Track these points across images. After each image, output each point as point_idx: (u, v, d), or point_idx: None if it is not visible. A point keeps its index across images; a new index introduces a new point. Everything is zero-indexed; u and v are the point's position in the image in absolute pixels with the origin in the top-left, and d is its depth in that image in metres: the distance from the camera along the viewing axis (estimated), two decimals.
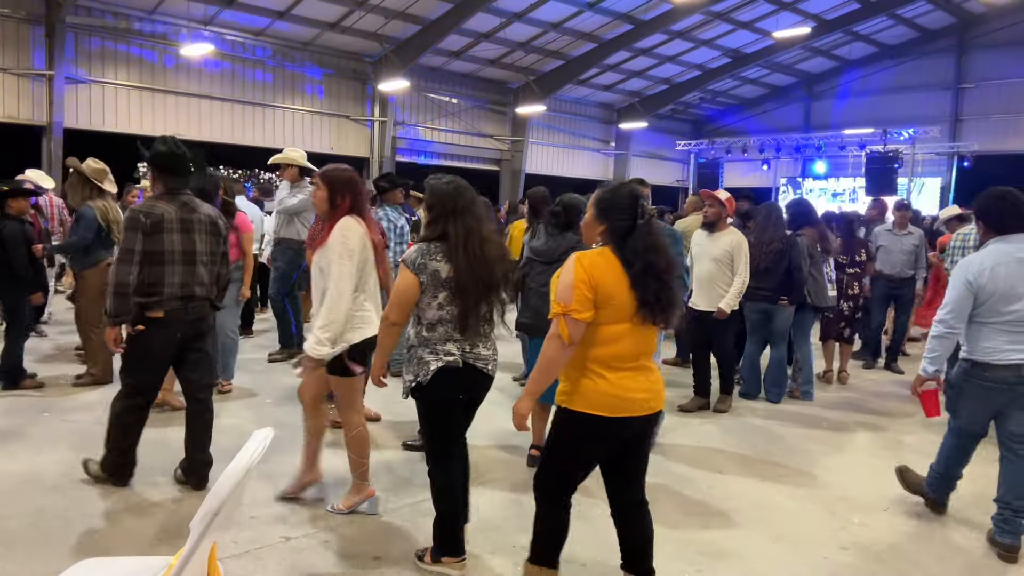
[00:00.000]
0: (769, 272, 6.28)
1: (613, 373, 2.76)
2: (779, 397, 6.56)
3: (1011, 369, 3.63)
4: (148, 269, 3.91)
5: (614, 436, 2.85)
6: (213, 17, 16.80)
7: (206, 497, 1.80)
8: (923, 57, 23.33)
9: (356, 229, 3.68)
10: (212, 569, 1.91)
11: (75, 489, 4.04)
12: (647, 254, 2.75)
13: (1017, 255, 3.62)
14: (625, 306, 2.72)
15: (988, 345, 3.67)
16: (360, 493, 3.88)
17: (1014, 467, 3.77)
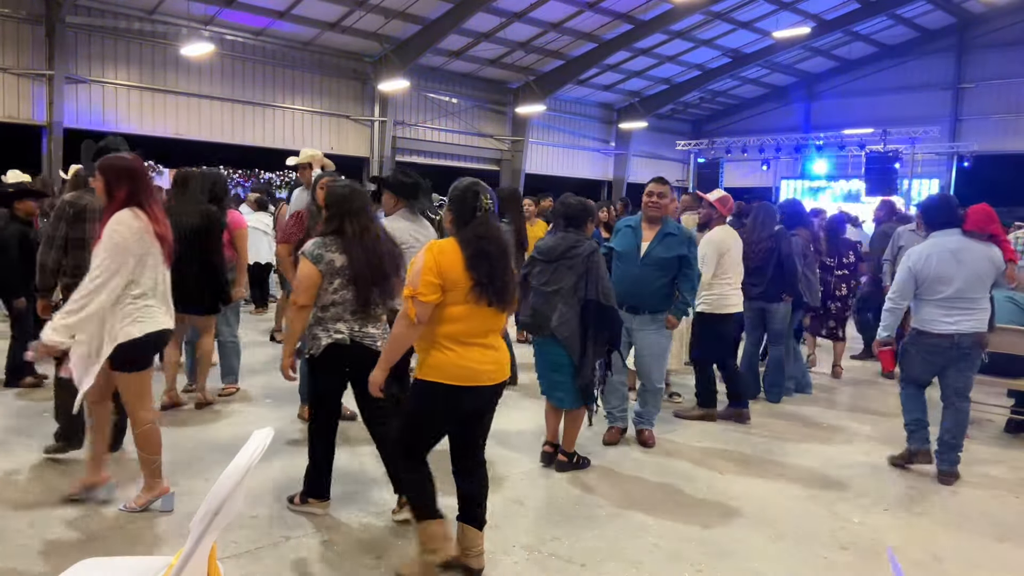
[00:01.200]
0: (760, 270, 6.30)
1: (461, 347, 3.09)
2: (778, 397, 6.55)
3: (945, 337, 4.60)
4: (72, 253, 4.24)
5: (461, 404, 3.15)
6: (213, 17, 16.80)
7: (206, 497, 1.80)
8: (923, 57, 23.33)
9: (129, 223, 3.52)
10: (212, 569, 1.91)
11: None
12: (480, 241, 3.08)
13: (949, 247, 4.59)
14: (465, 288, 3.04)
15: (927, 317, 4.65)
16: (153, 491, 3.84)
17: (950, 413, 4.71)
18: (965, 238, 4.66)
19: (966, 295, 4.54)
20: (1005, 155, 21.78)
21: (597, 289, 4.40)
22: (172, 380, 5.57)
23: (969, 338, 4.57)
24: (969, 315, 4.56)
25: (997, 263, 4.61)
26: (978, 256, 4.58)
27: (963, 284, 4.53)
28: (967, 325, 4.56)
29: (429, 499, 3.27)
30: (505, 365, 3.26)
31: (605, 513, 4.01)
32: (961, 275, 4.53)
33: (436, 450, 3.30)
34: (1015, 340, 5.83)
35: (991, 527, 4.03)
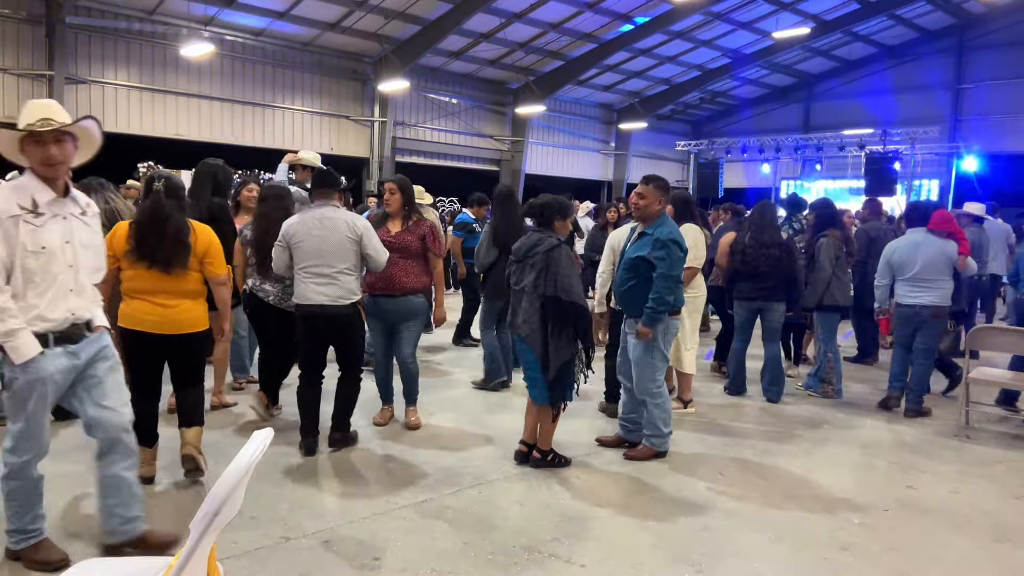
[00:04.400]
0: (766, 276, 6.31)
1: (132, 300, 4.00)
2: (778, 395, 6.54)
3: (911, 307, 6.09)
4: None
5: (140, 344, 4.02)
6: (213, 17, 16.80)
7: (206, 497, 1.80)
8: (923, 57, 23.34)
9: None
10: (212, 569, 1.91)
11: (75, 489, 4.04)
12: (140, 215, 4.09)
13: (914, 240, 6.17)
14: (130, 256, 3.98)
15: (900, 292, 6.18)
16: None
17: (917, 367, 6.17)
18: (928, 234, 6.13)
19: (923, 276, 6.02)
20: (1005, 155, 21.78)
21: (556, 285, 4.39)
22: (220, 379, 5.69)
23: (928, 309, 6.02)
24: (928, 292, 6.01)
25: (949, 254, 6.06)
26: (934, 248, 6.06)
27: (920, 268, 6.02)
28: (927, 299, 6.01)
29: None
30: (175, 322, 4.00)
31: (605, 513, 4.01)
32: (919, 261, 6.03)
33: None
34: (1015, 340, 5.83)
35: (991, 527, 4.03)
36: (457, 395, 6.39)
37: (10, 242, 2.85)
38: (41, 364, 2.93)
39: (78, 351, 3.05)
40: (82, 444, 4.71)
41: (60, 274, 2.96)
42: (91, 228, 3.13)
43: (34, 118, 2.88)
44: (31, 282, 2.90)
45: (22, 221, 2.87)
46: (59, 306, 2.97)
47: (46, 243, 2.92)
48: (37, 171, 2.95)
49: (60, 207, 3.00)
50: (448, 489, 4.26)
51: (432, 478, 4.42)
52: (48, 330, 2.95)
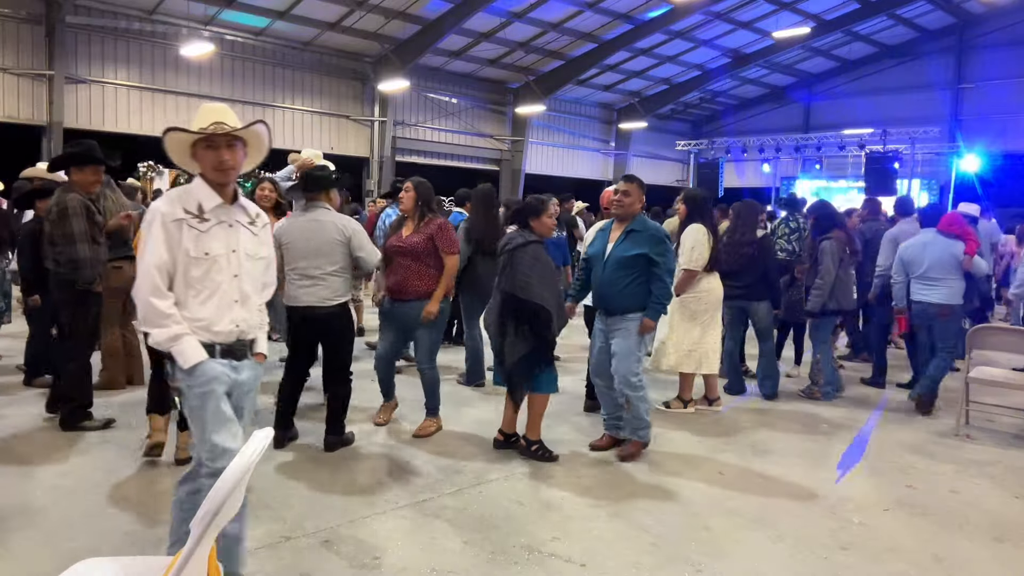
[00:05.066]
0: (739, 274, 6.35)
1: None
2: (772, 389, 6.60)
3: (920, 304, 6.34)
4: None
5: None
6: (213, 17, 16.81)
7: (206, 497, 1.80)
8: (923, 57, 23.34)
9: None
10: (212, 569, 1.91)
11: (75, 489, 4.04)
12: None
13: (923, 240, 6.43)
14: None
15: (913, 290, 6.40)
16: None
17: (935, 359, 6.30)
18: (937, 234, 6.36)
19: (931, 275, 6.26)
20: (1005, 155, 21.78)
21: (514, 282, 4.59)
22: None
23: (935, 307, 6.22)
24: (935, 290, 6.25)
25: (956, 254, 6.24)
26: (941, 248, 6.29)
27: (928, 267, 6.27)
28: (935, 297, 6.25)
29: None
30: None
31: (605, 513, 4.01)
32: (927, 260, 6.28)
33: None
34: (1016, 340, 5.83)
35: (991, 527, 4.03)
36: (457, 395, 6.38)
37: (173, 246, 2.73)
38: (208, 367, 2.77)
39: (239, 369, 2.87)
40: (80, 449, 4.71)
41: (224, 283, 2.81)
42: (259, 239, 2.95)
43: (207, 122, 2.77)
44: (192, 288, 2.77)
45: (186, 225, 2.74)
46: (224, 317, 2.81)
47: (210, 249, 2.78)
48: (207, 176, 2.82)
49: (227, 214, 2.85)
50: (448, 489, 4.26)
51: (432, 478, 4.42)
52: (214, 342, 2.80)
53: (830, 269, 6.39)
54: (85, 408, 4.99)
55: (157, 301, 2.70)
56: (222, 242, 2.81)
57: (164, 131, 2.78)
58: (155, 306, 2.70)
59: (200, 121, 2.77)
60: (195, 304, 2.77)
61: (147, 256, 2.72)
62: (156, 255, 2.71)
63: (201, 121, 2.76)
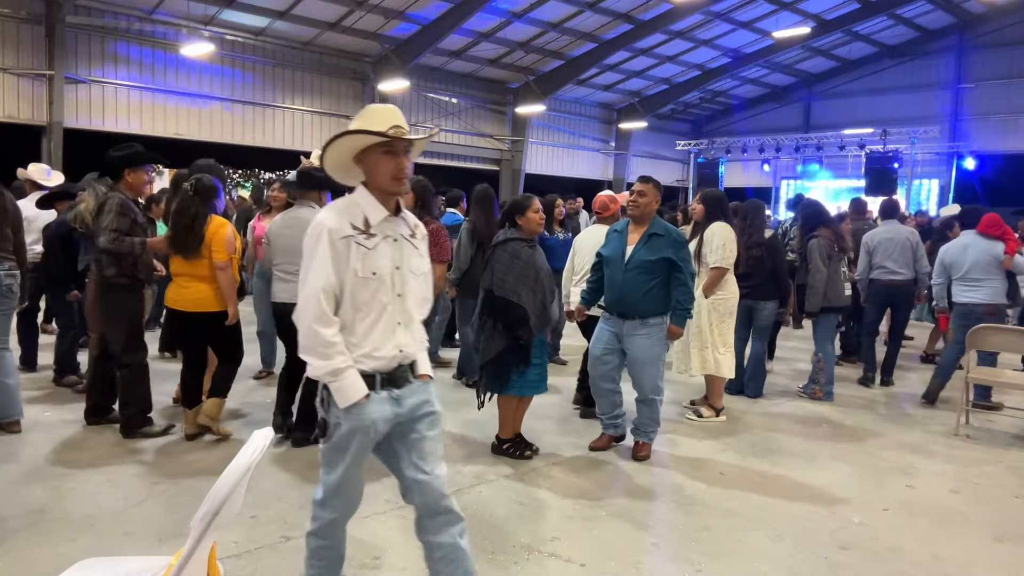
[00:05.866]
0: (748, 276, 6.35)
1: (172, 283, 4.87)
2: (758, 392, 6.63)
3: (964, 305, 6.47)
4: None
5: (174, 320, 4.98)
6: (213, 17, 16.81)
7: (206, 497, 1.80)
8: (923, 57, 23.34)
9: None
10: (212, 569, 1.91)
11: (75, 489, 4.04)
12: (173, 209, 4.80)
13: (964, 243, 6.59)
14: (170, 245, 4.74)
15: (955, 291, 6.58)
16: None
17: (950, 350, 6.59)
18: (977, 236, 6.53)
19: (972, 276, 6.42)
20: (1005, 155, 21.78)
21: (491, 279, 4.64)
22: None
23: (980, 307, 6.38)
24: (978, 290, 6.41)
25: (996, 254, 6.40)
26: (982, 249, 6.43)
27: (969, 268, 6.42)
28: (978, 296, 6.40)
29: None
30: (189, 300, 4.74)
31: (605, 513, 4.01)
32: (968, 262, 6.43)
33: None
34: (1016, 340, 5.84)
35: (991, 527, 4.03)
36: (457, 396, 6.38)
37: (341, 267, 2.48)
38: (366, 409, 2.51)
39: (402, 398, 2.59)
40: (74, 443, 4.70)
41: (389, 304, 2.55)
42: (420, 252, 2.70)
43: (386, 124, 2.48)
44: (359, 311, 2.51)
45: (354, 243, 2.48)
46: (388, 342, 2.55)
47: (377, 268, 2.51)
48: (380, 186, 2.56)
49: (391, 227, 2.59)
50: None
51: None
52: (376, 370, 2.53)
53: (819, 267, 6.44)
54: (144, 413, 4.93)
55: (322, 329, 2.45)
56: (388, 259, 2.55)
57: (339, 134, 2.47)
58: (319, 334, 2.44)
59: (375, 123, 2.49)
60: (361, 329, 2.52)
61: (312, 278, 2.46)
62: (323, 277, 2.45)
63: (377, 123, 2.49)
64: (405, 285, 2.59)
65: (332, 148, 2.52)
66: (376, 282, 2.52)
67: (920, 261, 7.12)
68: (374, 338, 2.53)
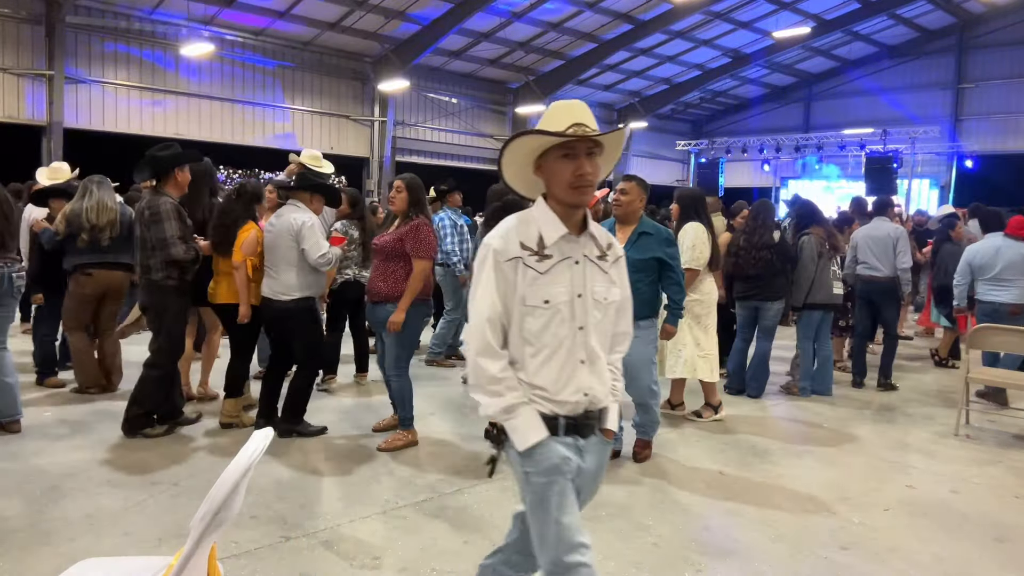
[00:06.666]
0: (758, 278, 6.38)
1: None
2: (759, 391, 6.63)
3: (992, 304, 6.60)
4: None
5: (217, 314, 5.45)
6: (213, 17, 16.81)
7: (206, 497, 1.80)
8: (923, 57, 23.34)
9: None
10: (212, 569, 1.90)
11: (75, 489, 4.04)
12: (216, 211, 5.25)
13: (994, 244, 6.69)
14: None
15: (981, 291, 6.69)
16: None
17: (1004, 360, 6.56)
18: (1006, 238, 6.64)
19: (1003, 276, 6.55)
20: (1005, 155, 21.78)
21: None
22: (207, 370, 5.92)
23: (1007, 306, 6.53)
24: (1007, 290, 6.54)
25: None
26: (1012, 251, 6.56)
27: (1001, 269, 6.55)
28: (1006, 296, 6.53)
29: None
30: (228, 294, 5.08)
31: (605, 513, 4.01)
32: (1000, 263, 6.55)
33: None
34: (1016, 340, 5.83)
35: (991, 527, 4.03)
36: (458, 395, 6.39)
37: (507, 293, 2.15)
38: (551, 449, 2.13)
39: (585, 451, 2.21)
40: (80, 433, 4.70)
41: (567, 339, 2.16)
42: (611, 278, 2.25)
43: (565, 123, 2.11)
44: (529, 345, 2.16)
45: (522, 265, 2.13)
46: (569, 383, 2.16)
47: (550, 296, 2.14)
48: (558, 196, 2.18)
49: (573, 247, 2.20)
50: (448, 489, 4.26)
51: (432, 478, 4.42)
52: (557, 413, 2.16)
53: (806, 265, 6.49)
54: (150, 415, 4.98)
55: (488, 362, 2.14)
56: (565, 285, 2.16)
57: (510, 139, 2.16)
58: (485, 369, 2.14)
59: (553, 122, 2.14)
60: (533, 365, 2.16)
61: (477, 307, 2.17)
62: (488, 306, 2.15)
63: (555, 122, 2.13)
64: (588, 316, 2.18)
65: (508, 157, 2.21)
66: (549, 312, 2.14)
67: (899, 257, 6.96)
68: (550, 377, 2.16)
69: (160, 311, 4.92)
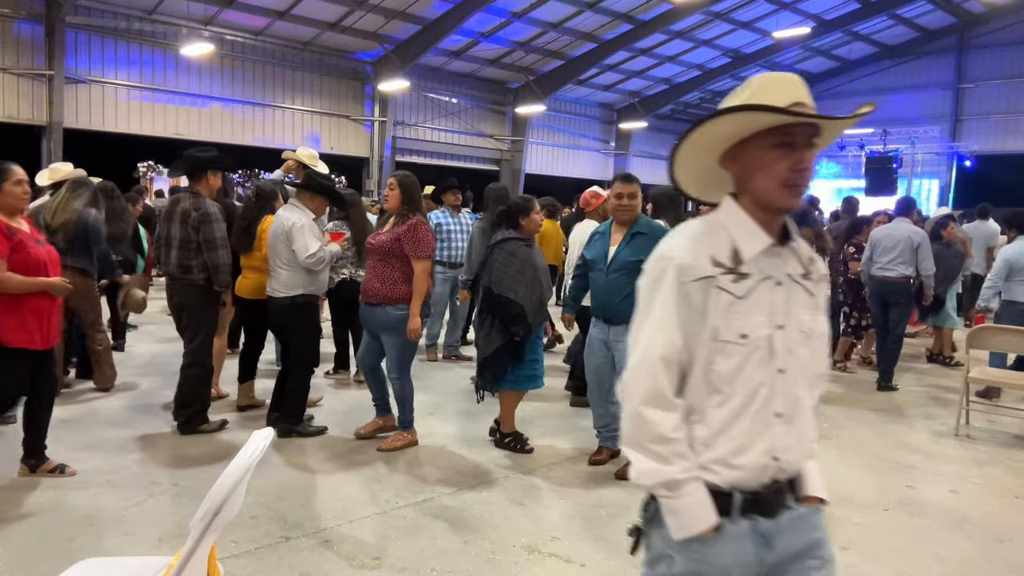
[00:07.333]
0: None
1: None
2: None
3: (1021, 304, 6.62)
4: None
5: (240, 308, 5.59)
6: (213, 17, 16.81)
7: (206, 497, 1.80)
8: (923, 57, 23.34)
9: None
10: (212, 569, 1.91)
11: (75, 489, 4.04)
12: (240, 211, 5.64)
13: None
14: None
15: (1016, 291, 6.68)
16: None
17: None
18: None
19: None
20: (1005, 155, 21.78)
21: (490, 277, 4.80)
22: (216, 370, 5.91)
23: None
24: None
25: None
26: None
27: None
28: None
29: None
30: (252, 289, 5.33)
31: (605, 513, 4.01)
32: None
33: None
34: (1016, 340, 5.84)
35: (991, 527, 4.03)
36: (458, 395, 6.39)
37: (693, 323, 1.63)
38: (714, 548, 1.61)
39: (772, 535, 1.65)
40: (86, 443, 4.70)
41: (763, 385, 1.64)
42: (816, 302, 1.73)
43: (786, 99, 1.59)
44: (716, 394, 1.64)
45: (715, 288, 1.62)
46: (756, 443, 1.64)
47: (749, 328, 1.62)
48: (763, 196, 1.65)
49: (775, 264, 1.67)
50: (448, 489, 4.26)
51: (432, 478, 4.42)
52: (734, 485, 1.63)
53: None
54: (204, 412, 5.12)
55: (657, 414, 1.61)
56: (765, 313, 1.65)
57: (709, 116, 1.60)
58: (653, 423, 1.61)
59: (767, 95, 1.59)
60: (717, 419, 1.64)
61: (647, 339, 1.65)
62: (664, 339, 1.63)
63: (770, 95, 1.59)
64: (791, 355, 1.66)
65: (692, 142, 1.67)
66: (746, 349, 1.63)
67: (923, 263, 7.05)
68: (735, 435, 1.64)
69: (200, 311, 5.06)
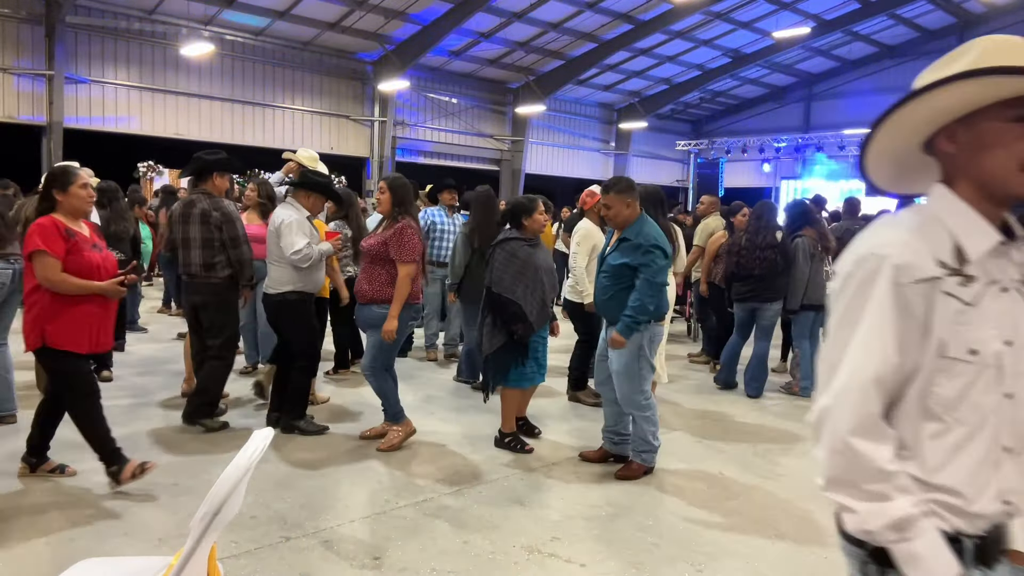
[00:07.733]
0: (761, 278, 6.39)
1: None
2: (758, 392, 6.66)
3: None
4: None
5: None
6: (213, 17, 16.80)
7: (206, 497, 1.80)
8: (923, 57, 23.24)
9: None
10: (212, 569, 1.91)
11: (75, 489, 4.04)
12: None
13: None
14: None
15: None
16: None
17: None
18: None
19: None
20: None
21: (491, 276, 4.86)
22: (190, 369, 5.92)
23: None
24: None
25: None
26: None
27: None
28: None
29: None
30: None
31: (605, 513, 4.01)
32: None
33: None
34: None
35: None
36: (457, 395, 6.39)
37: (911, 335, 1.36)
38: None
39: None
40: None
41: (992, 412, 1.37)
42: None
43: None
44: (934, 421, 1.38)
45: (940, 293, 1.35)
46: (988, 483, 1.38)
47: (979, 343, 1.35)
48: (994, 183, 1.37)
49: (1000, 266, 1.40)
50: (448, 489, 4.26)
51: (432, 478, 4.42)
52: (961, 532, 1.38)
53: (801, 266, 6.47)
54: (213, 405, 5.24)
55: (870, 446, 1.35)
56: (994, 325, 1.36)
57: (928, 86, 1.33)
58: (866, 456, 1.35)
59: (1004, 58, 1.30)
60: (935, 453, 1.38)
61: (853, 355, 1.38)
62: (877, 355, 1.36)
63: (1008, 59, 1.30)
64: (1021, 378, 1.38)
65: (903, 115, 1.38)
66: (974, 368, 1.35)
67: None
68: (958, 472, 1.37)
69: (224, 308, 5.22)
